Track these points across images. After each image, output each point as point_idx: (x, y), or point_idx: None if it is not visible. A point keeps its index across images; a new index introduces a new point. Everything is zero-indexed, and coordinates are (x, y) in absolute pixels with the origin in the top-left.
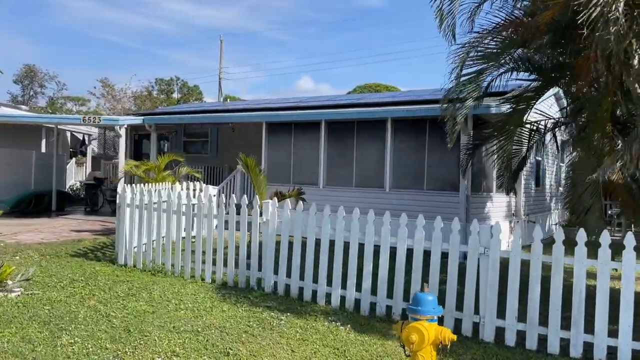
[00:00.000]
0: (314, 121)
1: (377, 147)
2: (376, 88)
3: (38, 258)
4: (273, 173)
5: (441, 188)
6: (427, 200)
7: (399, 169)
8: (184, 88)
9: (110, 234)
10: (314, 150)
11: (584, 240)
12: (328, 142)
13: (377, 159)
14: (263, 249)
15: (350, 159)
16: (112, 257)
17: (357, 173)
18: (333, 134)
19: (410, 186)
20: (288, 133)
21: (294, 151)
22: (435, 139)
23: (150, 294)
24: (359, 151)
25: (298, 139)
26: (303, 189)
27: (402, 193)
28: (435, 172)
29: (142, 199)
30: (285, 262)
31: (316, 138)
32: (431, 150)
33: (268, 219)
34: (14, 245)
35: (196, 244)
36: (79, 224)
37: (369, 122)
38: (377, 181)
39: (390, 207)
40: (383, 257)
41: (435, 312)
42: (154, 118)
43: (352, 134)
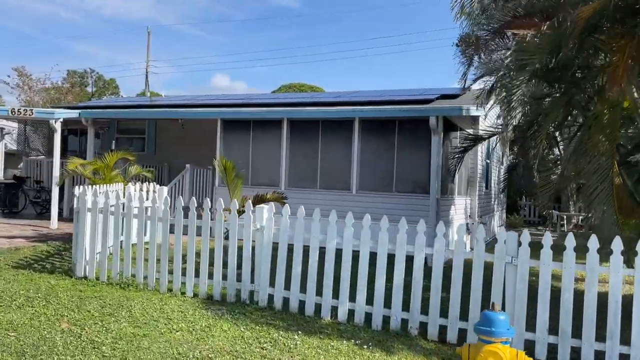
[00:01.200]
0: (276, 119)
1: (343, 147)
2: (301, 88)
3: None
4: None
5: (410, 190)
6: (395, 202)
7: (366, 171)
8: (99, 81)
9: (49, 240)
10: (275, 150)
11: (620, 248)
12: (291, 142)
13: (343, 160)
14: (256, 258)
15: (314, 159)
16: (65, 269)
17: (322, 174)
18: (296, 133)
19: (379, 188)
20: (246, 131)
21: (253, 151)
22: (404, 141)
23: (129, 312)
24: (324, 152)
25: (258, 138)
26: (263, 190)
27: (369, 195)
28: (404, 174)
29: (107, 203)
30: (284, 273)
31: (278, 137)
32: (400, 152)
33: (263, 225)
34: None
35: (175, 253)
36: (6, 228)
37: (335, 122)
38: (343, 183)
39: (357, 209)
40: (398, 267)
41: (510, 334)
42: (93, 112)
43: (317, 134)
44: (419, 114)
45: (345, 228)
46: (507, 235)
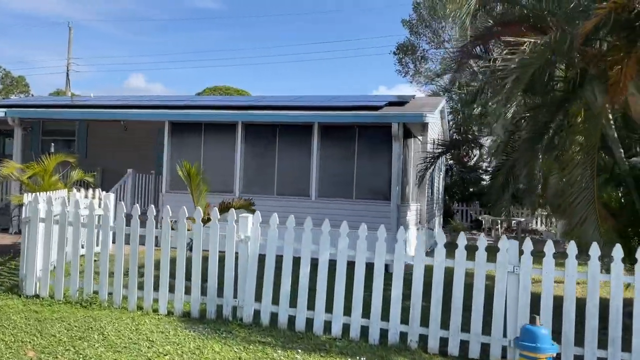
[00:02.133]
0: (230, 122)
1: (302, 153)
2: (227, 91)
3: None
4: (177, 179)
5: (371, 197)
6: (356, 209)
7: (326, 177)
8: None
9: None
10: (228, 155)
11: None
12: (245, 146)
13: (302, 166)
14: (240, 271)
15: (271, 165)
16: (9, 286)
17: (279, 180)
18: (252, 137)
19: (339, 195)
20: (197, 134)
21: (204, 155)
22: (365, 147)
23: (102, 334)
24: (282, 157)
25: (210, 142)
26: (214, 197)
27: (329, 202)
28: (364, 180)
29: (64, 212)
30: (272, 287)
31: (231, 141)
32: (361, 158)
33: (248, 235)
34: None
35: (146, 266)
36: None
37: (294, 127)
38: (302, 189)
39: (317, 216)
40: (396, 279)
41: (554, 349)
42: (23, 111)
43: (274, 139)
44: (381, 120)
45: (340, 238)
46: (509, 243)
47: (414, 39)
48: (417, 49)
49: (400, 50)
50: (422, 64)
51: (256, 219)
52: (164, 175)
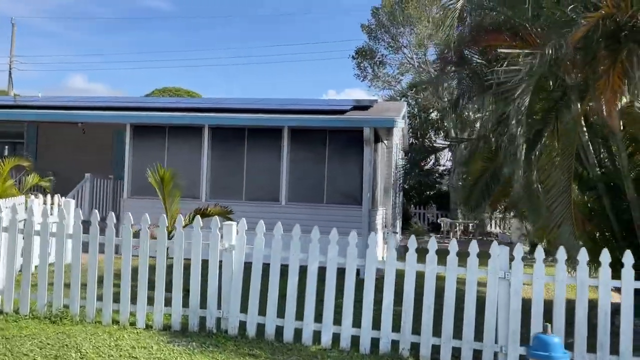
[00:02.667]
0: (196, 125)
1: (272, 157)
2: (177, 92)
3: None
4: (140, 184)
5: (341, 201)
6: (326, 214)
7: (296, 182)
8: None
9: None
10: (195, 159)
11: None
12: (212, 150)
13: (271, 171)
14: (224, 281)
15: (239, 169)
16: None
17: (248, 185)
18: (219, 141)
19: (309, 199)
20: (161, 138)
21: (168, 159)
22: (335, 151)
23: (80, 352)
24: (251, 161)
25: (174, 145)
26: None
27: (300, 207)
28: (335, 185)
29: (31, 221)
30: (258, 297)
31: (198, 145)
32: (332, 163)
33: (232, 244)
34: None
35: (122, 277)
36: None
37: (263, 130)
38: (272, 194)
39: (287, 221)
40: (388, 287)
41: (566, 357)
42: None
43: (243, 142)
44: (353, 125)
45: (329, 246)
46: (500, 249)
47: (372, 44)
48: (375, 54)
49: (359, 54)
50: (380, 69)
51: (241, 227)
52: (125, 180)
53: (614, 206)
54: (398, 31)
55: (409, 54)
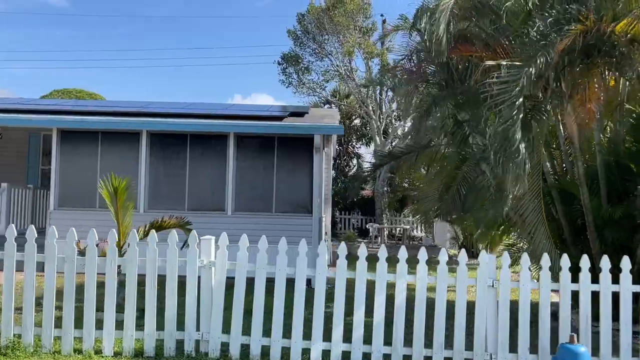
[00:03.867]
0: (133, 131)
1: (216, 165)
2: (78, 94)
3: None
4: (69, 194)
5: (292, 210)
6: (276, 223)
7: (243, 191)
8: None
9: None
10: (131, 167)
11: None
12: (151, 158)
13: (216, 179)
14: (203, 300)
15: (181, 178)
16: None
17: (190, 194)
18: (158, 147)
19: (257, 209)
20: (93, 144)
21: (101, 167)
22: (284, 159)
23: None
24: (194, 169)
25: (108, 152)
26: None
27: (247, 216)
28: (284, 193)
29: None
30: (241, 316)
31: (134, 151)
32: (280, 171)
33: (212, 261)
34: None
35: (86, 299)
36: None
37: (206, 137)
38: (216, 204)
39: (234, 232)
40: (379, 298)
41: None
42: None
43: (185, 149)
44: (304, 131)
45: (318, 258)
46: (489, 258)
47: (298, 50)
48: (300, 60)
49: (284, 60)
50: (306, 75)
51: (223, 241)
52: (52, 190)
53: (566, 212)
54: (324, 38)
55: (336, 62)
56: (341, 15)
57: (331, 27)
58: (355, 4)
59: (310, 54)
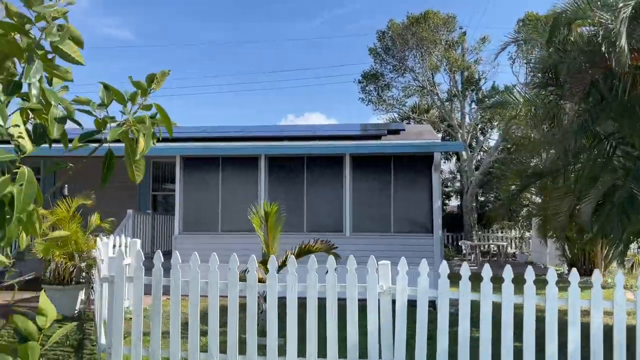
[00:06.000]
0: (251, 156)
1: (333, 186)
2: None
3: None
4: (193, 219)
5: (410, 230)
6: (395, 243)
7: (360, 211)
8: None
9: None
10: (251, 191)
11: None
12: (269, 181)
13: (333, 200)
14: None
15: (299, 200)
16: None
17: (309, 216)
18: (276, 171)
19: (375, 229)
20: (214, 170)
21: (222, 192)
22: (401, 178)
23: None
24: (311, 191)
25: (228, 178)
26: (235, 237)
27: (365, 237)
28: (402, 213)
29: (159, 268)
30: (425, 343)
31: (254, 176)
32: (398, 190)
33: (392, 286)
34: None
35: (268, 326)
36: None
37: (323, 158)
38: (334, 225)
39: (353, 253)
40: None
41: None
42: None
43: (302, 172)
44: (421, 150)
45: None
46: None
47: (378, 67)
48: (380, 77)
49: (364, 78)
50: (385, 92)
51: (403, 266)
52: (176, 216)
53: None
54: (404, 54)
55: (420, 77)
56: (425, 30)
57: (414, 42)
58: (439, 18)
59: (390, 71)
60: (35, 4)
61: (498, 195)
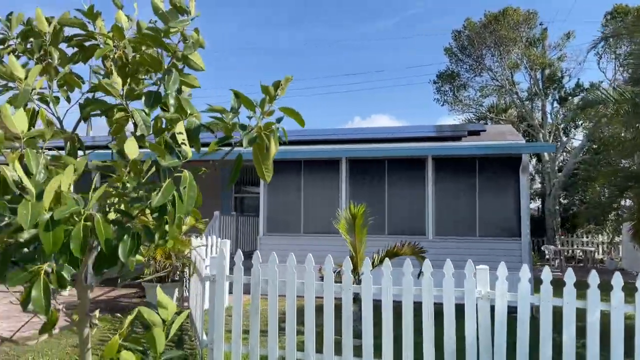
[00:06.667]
0: (332, 159)
1: (415, 189)
2: None
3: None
4: (275, 221)
5: (497, 234)
6: (480, 247)
7: (444, 214)
8: None
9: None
10: (332, 194)
11: None
12: (350, 184)
13: (415, 203)
14: (482, 335)
15: (380, 203)
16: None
17: (390, 219)
18: (357, 174)
19: (459, 233)
20: (296, 173)
21: (304, 195)
22: (487, 179)
23: None
24: (392, 194)
25: (310, 180)
26: (317, 238)
27: (449, 240)
28: (488, 217)
29: (257, 268)
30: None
31: (335, 179)
32: (483, 192)
33: (490, 291)
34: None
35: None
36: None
37: (404, 160)
38: (416, 228)
39: (435, 257)
40: None
41: None
42: None
43: (383, 174)
44: (508, 151)
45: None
46: None
47: (454, 67)
48: (456, 77)
49: (440, 78)
50: (462, 92)
51: (502, 272)
52: (261, 218)
53: None
54: (481, 53)
55: (498, 76)
56: (504, 27)
57: (492, 40)
58: (519, 14)
59: (466, 70)
60: (172, 19)
61: (583, 198)
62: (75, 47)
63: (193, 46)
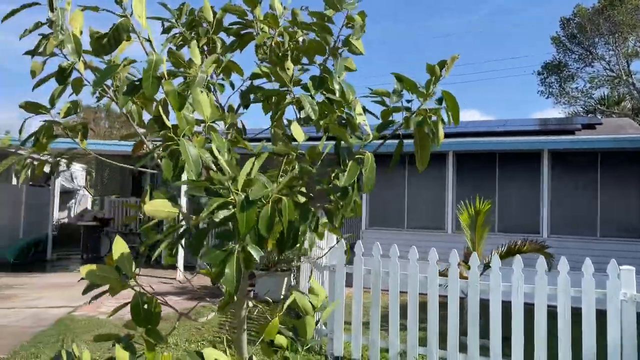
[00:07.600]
0: (439, 152)
1: (528, 184)
2: None
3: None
4: (377, 216)
5: (622, 234)
6: (601, 248)
7: (560, 211)
8: None
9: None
10: (437, 189)
11: None
12: (457, 179)
13: (528, 199)
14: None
15: (489, 199)
16: None
17: (500, 216)
18: (464, 168)
19: (577, 232)
20: (400, 168)
21: (408, 189)
22: (611, 176)
23: None
24: (503, 190)
25: (413, 175)
26: (420, 234)
27: (566, 240)
28: (613, 215)
29: (378, 259)
30: None
31: (441, 173)
32: (605, 189)
33: (635, 294)
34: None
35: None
36: None
37: (517, 155)
38: (529, 225)
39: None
40: None
41: None
42: None
43: (493, 169)
44: (636, 145)
45: None
46: None
47: (561, 57)
48: (564, 68)
49: (545, 69)
50: (569, 84)
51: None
52: (364, 212)
53: None
54: (593, 42)
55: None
56: (622, 13)
57: (607, 27)
58: None
59: (575, 60)
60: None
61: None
62: (233, 35)
63: (360, 29)
